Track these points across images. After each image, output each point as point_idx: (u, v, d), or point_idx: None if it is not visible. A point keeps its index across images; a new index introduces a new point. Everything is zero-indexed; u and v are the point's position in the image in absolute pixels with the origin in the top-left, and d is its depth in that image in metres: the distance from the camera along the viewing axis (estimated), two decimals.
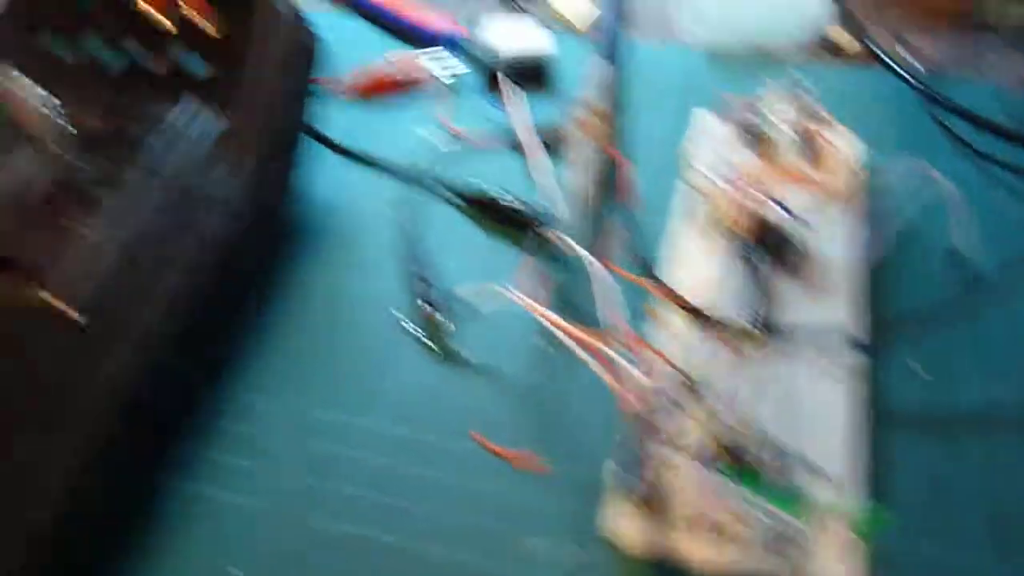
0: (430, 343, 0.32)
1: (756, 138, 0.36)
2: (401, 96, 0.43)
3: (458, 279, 0.34)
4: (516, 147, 0.40)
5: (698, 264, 0.33)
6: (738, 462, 0.26)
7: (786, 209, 0.33)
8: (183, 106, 0.31)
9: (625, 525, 0.26)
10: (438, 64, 0.44)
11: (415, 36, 0.46)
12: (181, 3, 0.32)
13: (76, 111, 0.30)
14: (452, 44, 0.45)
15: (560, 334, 0.28)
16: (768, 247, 0.32)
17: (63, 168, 0.29)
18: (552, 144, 0.39)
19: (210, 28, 0.32)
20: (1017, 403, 0.29)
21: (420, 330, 0.33)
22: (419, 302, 0.33)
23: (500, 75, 0.42)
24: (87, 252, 0.26)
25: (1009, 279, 0.32)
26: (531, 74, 0.43)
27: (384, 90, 0.43)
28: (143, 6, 0.32)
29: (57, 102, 0.30)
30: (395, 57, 0.44)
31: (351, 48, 0.42)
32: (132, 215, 0.28)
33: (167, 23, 0.33)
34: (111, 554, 0.27)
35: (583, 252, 0.30)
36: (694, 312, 0.30)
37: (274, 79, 0.33)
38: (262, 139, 0.32)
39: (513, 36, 0.44)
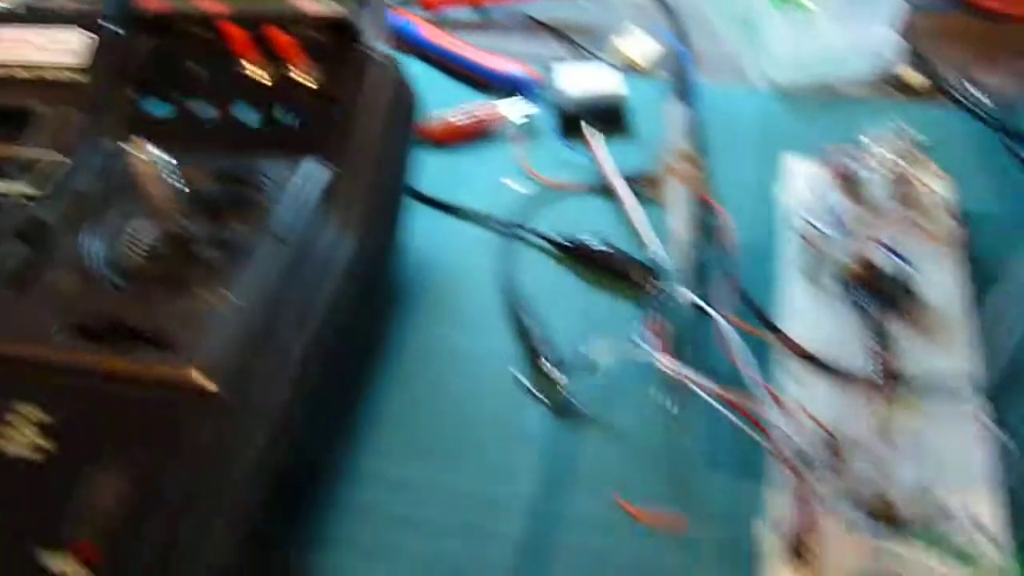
0: (551, 401, 0.32)
1: (853, 183, 0.36)
2: (478, 144, 0.43)
3: (563, 331, 0.34)
4: (599, 191, 0.40)
5: (813, 314, 0.33)
6: (893, 517, 0.26)
7: (896, 253, 0.33)
8: (291, 163, 0.30)
9: None
10: (513, 110, 0.43)
11: (488, 82, 0.46)
12: (288, 63, 0.31)
13: (190, 173, 0.29)
14: (526, 89, 0.45)
15: (699, 390, 0.28)
16: (881, 293, 0.32)
17: (185, 233, 0.28)
18: (640, 189, 0.39)
19: (312, 83, 0.32)
20: None
21: (539, 388, 0.32)
22: (536, 359, 0.32)
23: (578, 118, 0.42)
24: (220, 322, 0.25)
25: None
26: (605, 116, 0.43)
27: (462, 137, 0.43)
28: (250, 68, 0.32)
29: (174, 162, 0.29)
30: (471, 105, 0.43)
31: (425, 96, 0.42)
32: (257, 279, 0.27)
33: (267, 79, 0.32)
34: None
35: (708, 308, 0.30)
36: (823, 366, 0.30)
37: (379, 132, 0.32)
38: (372, 192, 0.31)
39: (585, 79, 0.44)
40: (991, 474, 0.28)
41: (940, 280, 0.34)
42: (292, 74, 0.32)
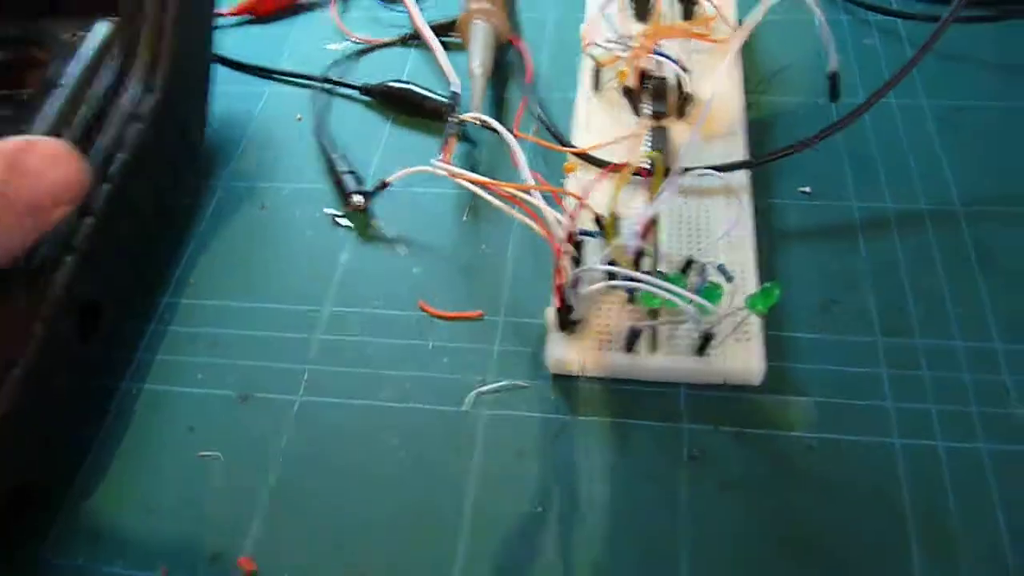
0: (356, 228, 0.34)
1: (641, 4, 0.38)
2: (300, 13, 0.44)
3: (375, 168, 0.36)
4: (412, 44, 0.41)
5: (601, 124, 0.35)
6: (650, 271, 0.29)
7: (669, 59, 0.35)
8: (79, 23, 0.31)
9: (562, 351, 0.28)
10: None
11: None
12: None
13: None
14: None
15: (488, 195, 0.30)
16: (657, 96, 0.35)
17: None
18: (448, 36, 0.41)
19: None
20: (894, 210, 0.33)
21: (351, 220, 0.34)
22: (346, 193, 0.34)
23: None
24: None
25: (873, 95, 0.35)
26: None
27: (282, 7, 0.44)
28: None
29: None
30: None
31: None
32: (47, 128, 0.28)
33: None
34: (82, 452, 0.28)
35: (497, 125, 0.32)
36: (601, 163, 0.33)
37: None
38: (168, 48, 0.32)
39: None
40: (749, 237, 0.30)
41: (713, 79, 0.36)
42: None
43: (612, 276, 0.26)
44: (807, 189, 0.33)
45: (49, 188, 0.23)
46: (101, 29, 0.31)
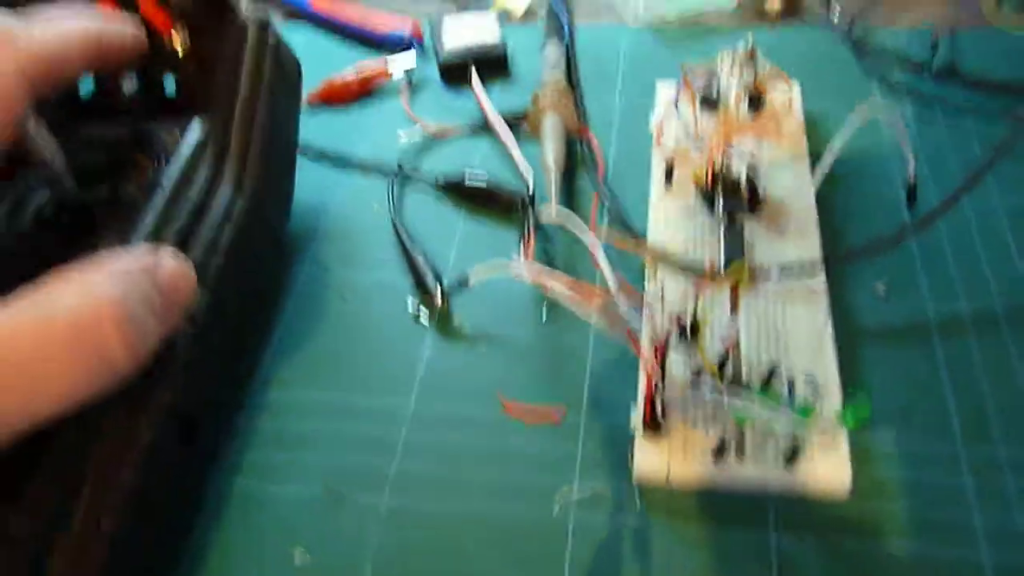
0: (436, 322, 0.35)
1: (709, 98, 0.39)
2: (371, 100, 0.46)
3: (452, 261, 0.37)
4: (481, 132, 0.43)
5: (676, 222, 0.36)
6: (736, 381, 0.29)
7: (741, 157, 0.35)
8: (173, 126, 0.33)
9: (650, 461, 0.28)
10: (398, 65, 0.46)
11: (375, 41, 0.48)
12: (164, 34, 0.33)
13: (80, 144, 0.32)
14: (410, 44, 0.47)
15: (568, 296, 0.30)
16: (730, 194, 0.35)
17: (82, 199, 0.30)
18: (518, 125, 0.42)
19: (190, 51, 0.34)
20: (969, 310, 0.33)
21: (430, 313, 0.35)
22: (425, 286, 0.35)
23: (461, 66, 0.45)
24: None
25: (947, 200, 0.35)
26: (486, 63, 0.46)
27: (354, 95, 0.45)
28: None
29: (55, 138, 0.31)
30: (361, 64, 0.46)
31: (317, 60, 0.44)
32: (148, 232, 0.29)
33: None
34: (179, 555, 0.29)
35: (575, 225, 0.33)
36: (680, 266, 0.33)
37: (258, 91, 0.34)
38: (256, 148, 0.33)
39: (465, 31, 0.47)
40: (829, 343, 0.31)
41: (785, 176, 0.37)
42: (168, 44, 0.34)
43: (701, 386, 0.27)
44: (882, 288, 0.34)
45: (182, 305, 0.25)
46: (195, 131, 0.33)
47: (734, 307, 0.30)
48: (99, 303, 0.22)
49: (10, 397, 0.21)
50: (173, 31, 0.34)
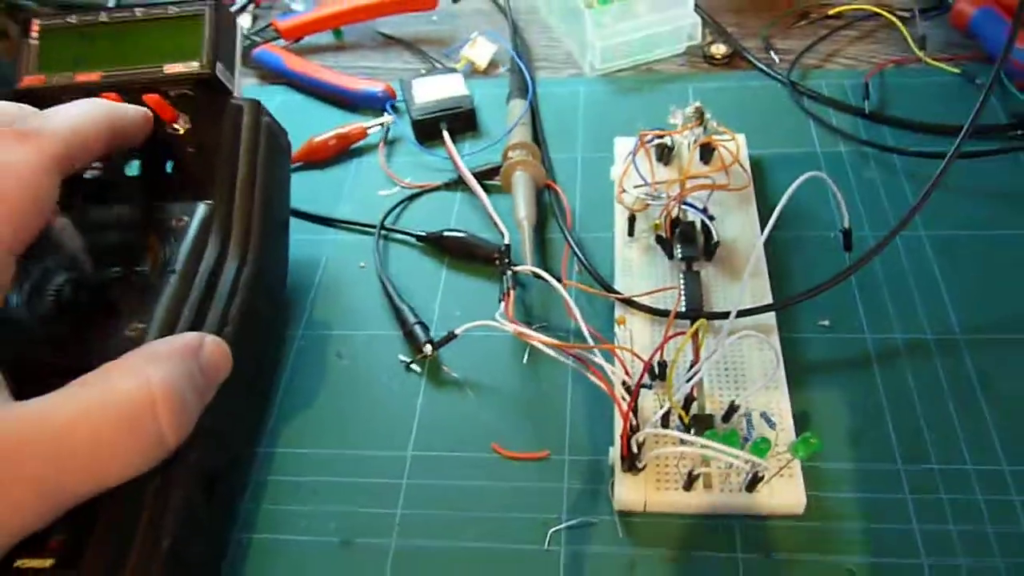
0: (427, 372, 0.38)
1: (664, 152, 0.43)
2: (349, 158, 0.49)
3: (437, 312, 0.40)
4: (455, 187, 0.46)
5: (640, 268, 0.39)
6: (702, 422, 0.33)
7: (693, 207, 0.39)
8: (179, 206, 0.35)
9: (629, 492, 0.32)
10: (373, 124, 0.49)
11: (350, 101, 0.52)
12: (163, 120, 0.36)
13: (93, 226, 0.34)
14: (384, 104, 0.50)
15: (551, 351, 0.34)
16: (687, 242, 0.39)
17: (97, 280, 0.33)
18: (488, 180, 0.45)
19: (187, 133, 0.37)
20: (904, 341, 0.37)
21: (418, 363, 0.38)
22: (417, 344, 0.38)
23: (432, 123, 0.48)
24: None
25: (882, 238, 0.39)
26: (455, 119, 0.49)
27: (333, 154, 0.48)
28: None
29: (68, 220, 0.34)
30: (341, 126, 0.49)
31: (295, 119, 0.47)
32: (164, 311, 0.32)
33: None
34: None
35: (550, 278, 0.36)
36: (647, 310, 0.37)
37: (253, 167, 0.37)
38: (255, 220, 0.36)
39: (435, 88, 0.50)
40: (783, 380, 0.35)
41: (736, 221, 0.41)
42: (168, 128, 0.37)
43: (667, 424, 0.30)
44: (827, 323, 0.38)
45: (220, 381, 0.29)
46: (200, 213, 0.35)
47: (696, 352, 0.33)
48: (152, 389, 0.25)
49: (73, 479, 0.23)
50: (178, 118, 0.36)
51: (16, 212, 0.26)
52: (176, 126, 0.36)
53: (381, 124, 0.49)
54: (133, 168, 0.37)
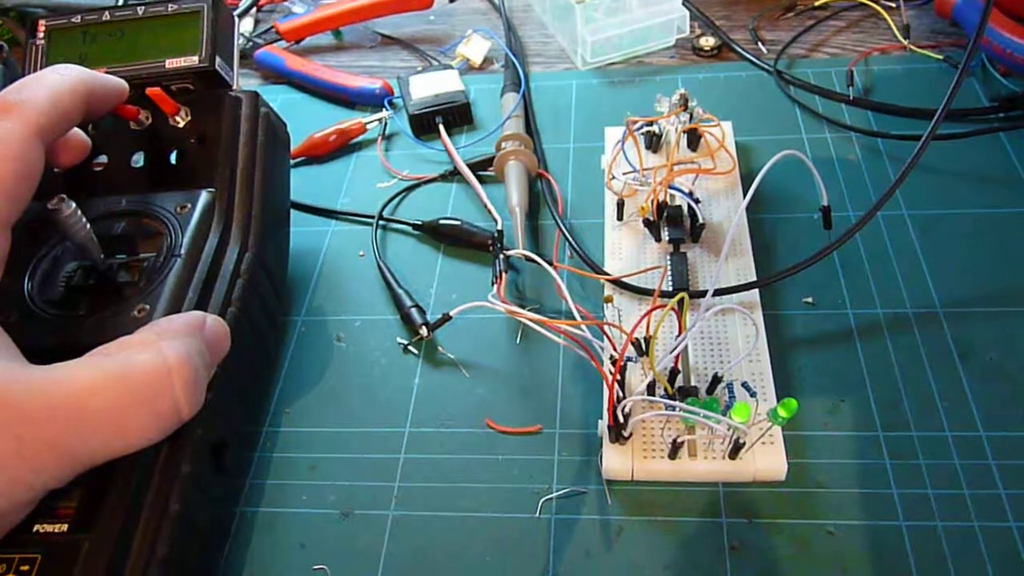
0: (424, 354, 0.39)
1: (652, 140, 0.44)
2: (350, 153, 0.50)
3: (434, 296, 0.41)
4: (451, 178, 0.47)
5: (628, 250, 0.41)
6: (686, 392, 0.34)
7: (682, 192, 0.40)
8: (183, 195, 0.37)
9: (616, 462, 0.33)
10: (372, 120, 0.51)
11: (350, 99, 0.53)
12: (167, 113, 0.38)
13: (103, 214, 0.36)
14: (382, 100, 0.52)
15: (543, 329, 0.35)
16: (674, 225, 0.40)
17: (105, 266, 0.34)
18: (483, 171, 0.46)
19: (189, 125, 0.38)
20: (886, 315, 0.38)
21: (419, 347, 0.39)
22: (414, 326, 0.39)
23: (429, 118, 0.50)
24: None
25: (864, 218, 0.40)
26: (451, 113, 0.50)
27: (334, 149, 0.50)
28: (134, 123, 0.38)
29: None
30: (341, 122, 0.50)
31: (296, 116, 0.49)
32: (170, 294, 0.33)
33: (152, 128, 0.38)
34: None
35: (541, 261, 0.37)
36: (634, 290, 0.38)
37: (253, 157, 0.38)
38: (256, 209, 0.38)
39: (432, 85, 0.51)
40: (764, 351, 0.36)
41: (722, 205, 0.42)
42: (170, 120, 0.38)
43: (653, 395, 0.32)
44: (810, 299, 0.39)
45: (221, 356, 0.31)
46: (202, 201, 0.37)
47: (680, 326, 0.35)
48: (168, 362, 0.26)
49: (91, 442, 0.25)
50: (179, 111, 0.38)
51: (7, 184, 0.27)
52: (178, 118, 0.38)
53: (379, 119, 0.51)
54: (138, 160, 0.39)
